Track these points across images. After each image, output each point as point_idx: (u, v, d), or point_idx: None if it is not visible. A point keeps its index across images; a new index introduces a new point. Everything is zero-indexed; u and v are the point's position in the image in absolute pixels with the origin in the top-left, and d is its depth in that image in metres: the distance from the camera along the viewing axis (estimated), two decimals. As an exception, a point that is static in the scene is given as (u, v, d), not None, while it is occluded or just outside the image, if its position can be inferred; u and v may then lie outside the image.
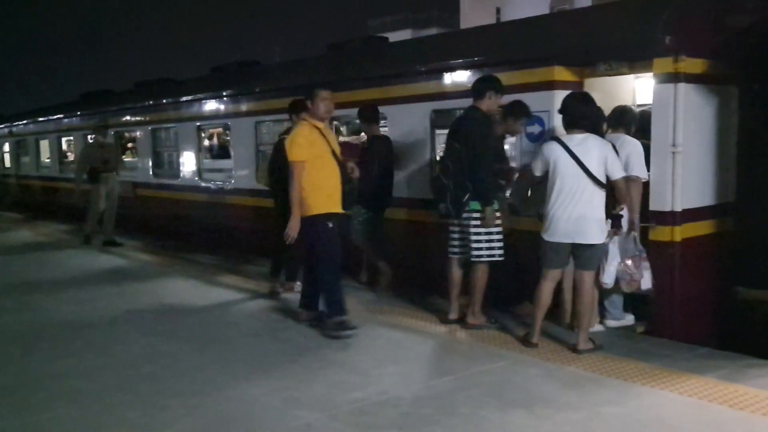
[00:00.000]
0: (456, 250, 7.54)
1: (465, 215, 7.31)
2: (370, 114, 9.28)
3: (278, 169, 8.68)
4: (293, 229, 7.34)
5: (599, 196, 6.49)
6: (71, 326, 7.99)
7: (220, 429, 5.08)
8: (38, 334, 7.72)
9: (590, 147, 6.48)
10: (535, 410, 5.26)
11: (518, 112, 7.79)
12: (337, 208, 7.48)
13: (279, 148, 8.62)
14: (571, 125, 6.65)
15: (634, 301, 7.46)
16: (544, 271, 6.79)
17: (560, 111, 6.75)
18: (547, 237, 6.68)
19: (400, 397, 5.58)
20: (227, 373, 6.28)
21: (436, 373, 6.16)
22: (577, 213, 6.48)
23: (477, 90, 7.47)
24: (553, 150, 6.61)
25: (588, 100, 6.78)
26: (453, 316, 7.69)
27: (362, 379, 6.02)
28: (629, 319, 7.51)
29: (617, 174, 6.49)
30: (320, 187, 7.34)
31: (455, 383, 5.88)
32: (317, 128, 7.44)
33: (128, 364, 6.65)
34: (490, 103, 7.43)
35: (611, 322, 7.41)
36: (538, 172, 6.79)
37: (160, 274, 11.11)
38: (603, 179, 6.47)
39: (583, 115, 6.65)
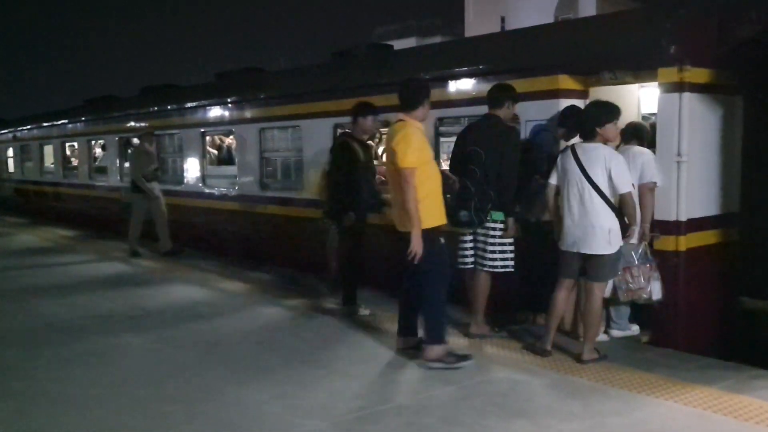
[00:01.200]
0: (469, 260, 7.46)
1: (486, 225, 7.25)
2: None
3: (346, 175, 8.20)
4: (418, 246, 6.36)
5: (605, 207, 6.43)
6: (73, 332, 7.99)
7: (221, 436, 5.07)
8: (40, 339, 7.71)
9: (598, 156, 6.45)
10: (538, 420, 5.24)
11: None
12: (444, 221, 6.76)
13: (340, 154, 8.29)
14: (586, 135, 6.65)
15: (639, 312, 7.44)
16: (559, 279, 6.78)
17: (579, 121, 6.79)
18: (559, 246, 6.69)
19: (402, 406, 5.57)
20: (229, 379, 6.27)
21: (439, 382, 6.13)
22: (584, 222, 6.46)
23: (495, 98, 7.44)
24: (565, 158, 6.63)
25: (598, 107, 6.76)
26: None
27: (364, 387, 6.00)
28: (634, 330, 7.48)
29: (623, 188, 6.42)
30: (431, 198, 6.56)
31: (458, 392, 5.86)
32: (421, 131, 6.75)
33: (130, 370, 6.65)
34: (507, 112, 7.45)
35: (616, 332, 7.38)
36: (553, 181, 6.76)
37: (162, 281, 11.10)
38: (607, 190, 6.42)
39: (586, 123, 6.66)
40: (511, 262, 7.34)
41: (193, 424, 5.30)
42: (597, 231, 6.43)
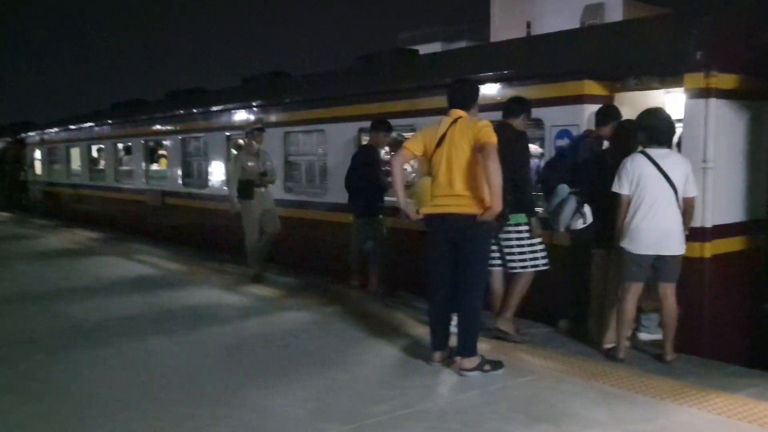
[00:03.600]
0: (496, 262, 7.50)
1: (508, 228, 7.30)
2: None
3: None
4: (498, 205, 6.29)
5: (679, 210, 6.59)
6: (98, 334, 8.05)
7: (245, 439, 5.10)
8: (66, 342, 7.77)
9: (675, 162, 6.61)
10: (562, 426, 5.23)
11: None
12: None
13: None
14: (652, 141, 6.67)
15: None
16: (626, 286, 6.78)
17: (639, 127, 6.79)
18: (632, 249, 6.67)
19: (425, 411, 5.57)
20: (254, 383, 6.29)
21: (462, 387, 6.13)
22: (663, 225, 6.56)
23: (512, 110, 7.54)
24: (639, 163, 6.63)
25: (667, 116, 6.79)
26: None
27: (387, 392, 6.00)
28: (661, 335, 7.43)
29: (694, 192, 6.66)
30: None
31: (482, 397, 5.85)
32: None
33: (155, 372, 6.70)
34: (521, 124, 7.53)
35: (644, 336, 7.35)
36: (626, 190, 6.72)
37: (187, 283, 11.16)
38: (684, 195, 6.59)
39: (666, 129, 6.70)
40: (542, 261, 7.46)
41: (217, 427, 5.32)
42: (675, 232, 6.59)
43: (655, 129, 6.67)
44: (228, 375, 6.58)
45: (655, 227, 6.56)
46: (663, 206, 6.54)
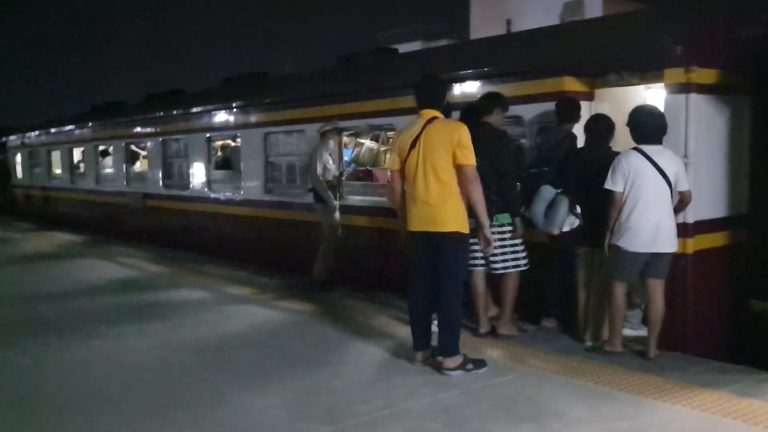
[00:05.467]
0: (479, 262, 7.45)
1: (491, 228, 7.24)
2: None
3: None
4: (490, 237, 6.52)
5: (671, 206, 6.64)
6: (76, 336, 7.98)
7: (226, 442, 5.05)
8: (46, 345, 7.70)
9: (669, 159, 6.63)
10: (545, 425, 5.20)
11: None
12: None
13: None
14: (644, 138, 6.67)
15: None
16: (616, 283, 6.77)
17: (630, 124, 6.78)
18: (628, 247, 6.64)
19: (407, 410, 5.53)
20: (234, 384, 6.25)
21: (444, 387, 6.09)
22: (658, 223, 6.56)
23: (485, 106, 7.56)
24: (634, 160, 6.61)
25: (659, 113, 6.78)
26: (484, 329, 7.61)
27: (369, 392, 5.97)
28: (645, 331, 7.42)
29: (686, 186, 6.70)
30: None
31: (464, 397, 5.82)
32: None
33: (136, 375, 6.64)
34: (497, 119, 7.55)
35: (628, 332, 7.32)
36: (620, 188, 6.69)
37: (169, 286, 11.09)
38: (677, 189, 6.65)
39: (658, 127, 6.69)
40: (523, 261, 7.47)
41: (197, 429, 5.27)
42: (668, 229, 6.62)
43: (646, 126, 6.67)
44: (208, 376, 6.53)
45: (653, 225, 6.56)
46: (659, 203, 6.56)
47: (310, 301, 9.49)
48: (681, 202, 6.73)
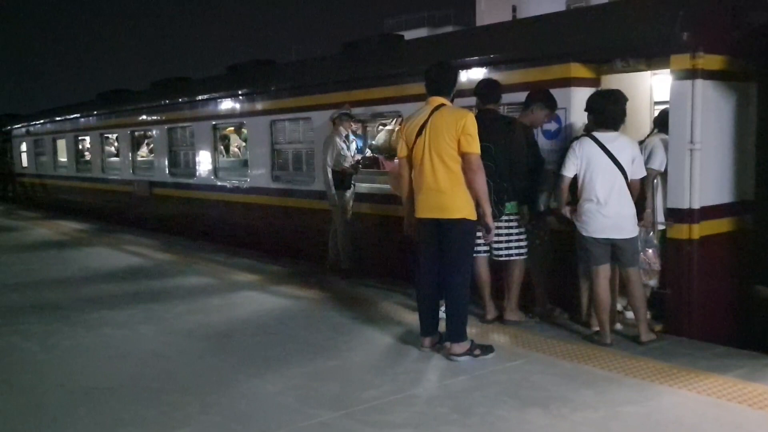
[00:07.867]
0: (483, 248, 7.45)
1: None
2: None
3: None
4: (493, 226, 6.54)
5: (629, 193, 6.66)
6: (87, 324, 8.02)
7: (235, 427, 5.07)
8: (54, 332, 7.74)
9: (623, 145, 6.65)
10: (552, 410, 5.23)
11: (547, 102, 7.63)
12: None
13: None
14: (602, 125, 6.73)
15: (654, 300, 7.40)
16: (594, 270, 6.80)
17: (588, 109, 6.83)
18: (587, 233, 6.72)
19: (415, 396, 5.56)
20: (243, 371, 6.28)
21: (452, 372, 6.12)
22: (613, 210, 6.61)
23: (486, 94, 7.55)
24: (586, 147, 6.66)
25: (619, 99, 6.80)
26: (491, 316, 7.65)
27: (377, 378, 6.00)
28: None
29: (641, 173, 6.76)
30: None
31: (471, 382, 5.85)
32: None
33: (143, 361, 6.68)
34: (497, 106, 7.63)
35: (630, 314, 7.36)
36: (570, 173, 6.76)
37: (176, 273, 11.13)
38: (630, 177, 6.65)
39: (615, 114, 6.73)
40: (524, 249, 7.50)
41: (207, 415, 5.30)
42: (627, 217, 6.67)
43: (602, 113, 6.72)
44: (217, 363, 6.57)
45: (608, 212, 6.61)
46: (614, 190, 6.60)
47: (317, 288, 9.53)
48: (632, 189, 6.70)
